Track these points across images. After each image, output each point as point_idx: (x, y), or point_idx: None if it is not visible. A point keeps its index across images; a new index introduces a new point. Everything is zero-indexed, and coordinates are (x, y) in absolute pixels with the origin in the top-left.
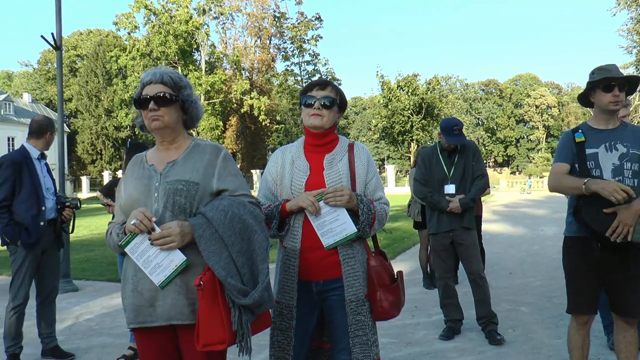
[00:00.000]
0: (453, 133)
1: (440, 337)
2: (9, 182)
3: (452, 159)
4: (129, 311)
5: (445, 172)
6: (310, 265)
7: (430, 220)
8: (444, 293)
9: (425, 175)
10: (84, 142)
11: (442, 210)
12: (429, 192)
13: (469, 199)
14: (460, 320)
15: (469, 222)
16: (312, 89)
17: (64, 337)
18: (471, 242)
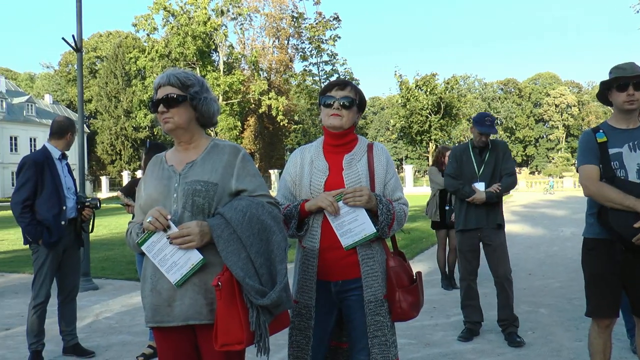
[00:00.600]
0: (484, 124)
1: (459, 339)
2: (31, 182)
3: (483, 157)
4: (147, 310)
5: (475, 169)
6: (329, 265)
7: (458, 217)
8: (466, 294)
9: (456, 170)
10: (103, 143)
11: (467, 199)
12: (460, 184)
13: (494, 193)
14: (480, 323)
15: (499, 220)
16: (332, 89)
17: (84, 335)
18: (500, 243)
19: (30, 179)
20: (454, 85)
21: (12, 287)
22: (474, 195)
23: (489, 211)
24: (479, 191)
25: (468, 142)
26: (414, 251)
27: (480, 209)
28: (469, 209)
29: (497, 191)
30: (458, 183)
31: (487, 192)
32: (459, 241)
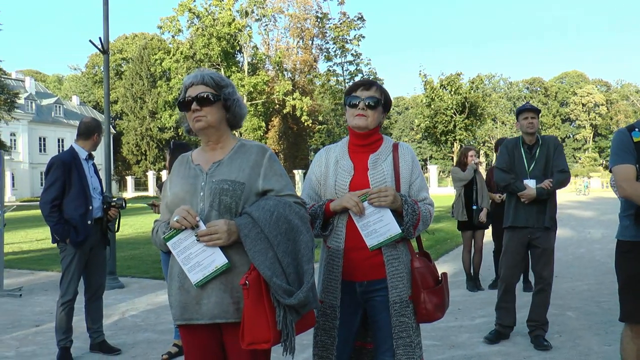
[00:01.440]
0: (527, 105)
1: (485, 340)
2: (59, 182)
3: (533, 153)
4: (175, 308)
5: (525, 166)
6: (354, 265)
7: (506, 212)
8: (504, 296)
9: (508, 163)
10: (129, 143)
11: (517, 194)
12: (512, 179)
13: (545, 190)
14: (512, 327)
15: (549, 221)
16: (357, 89)
17: (110, 332)
18: (549, 247)
19: (58, 179)
20: (479, 84)
21: (41, 285)
22: (524, 190)
23: (539, 211)
24: (529, 187)
25: (518, 138)
26: (438, 252)
27: (530, 206)
28: (518, 205)
29: (548, 188)
30: (509, 177)
31: (537, 189)
32: (507, 239)
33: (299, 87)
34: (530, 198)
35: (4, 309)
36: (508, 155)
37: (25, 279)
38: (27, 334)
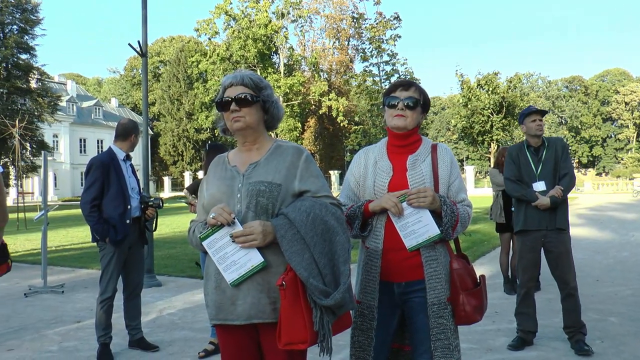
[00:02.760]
0: (533, 107)
1: (509, 347)
2: (99, 182)
3: (539, 155)
4: (211, 307)
5: (533, 169)
6: (392, 266)
7: (517, 217)
8: (522, 302)
9: (515, 172)
10: (166, 144)
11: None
12: (523, 189)
13: (559, 198)
14: (534, 333)
15: (562, 222)
16: (396, 89)
17: (148, 330)
18: (564, 249)
19: (98, 180)
20: (516, 83)
21: (81, 282)
22: (538, 200)
23: (551, 212)
24: (542, 197)
25: (522, 142)
26: (475, 254)
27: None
28: (528, 208)
29: (561, 196)
30: (520, 187)
31: (551, 198)
32: (519, 243)
33: (335, 87)
34: (545, 207)
35: (47, 304)
36: (514, 163)
37: (67, 276)
38: (69, 329)
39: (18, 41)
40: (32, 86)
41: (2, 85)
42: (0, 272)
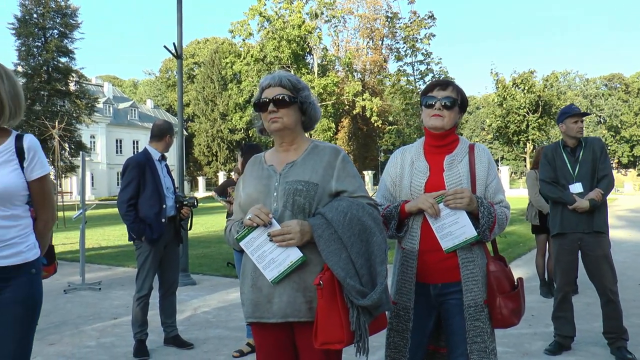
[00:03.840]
0: (574, 109)
1: (546, 352)
2: (135, 182)
3: (576, 155)
4: (247, 306)
5: (570, 170)
6: (428, 267)
7: (553, 220)
8: (559, 305)
9: (551, 173)
10: (200, 145)
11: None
12: (560, 191)
13: (598, 201)
14: (572, 337)
15: (600, 225)
16: (433, 89)
17: (183, 328)
18: (602, 253)
19: (134, 180)
20: (553, 82)
21: (118, 280)
22: (576, 203)
23: (589, 215)
24: (580, 200)
25: (558, 142)
26: (511, 256)
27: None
28: (565, 210)
29: (600, 199)
30: (557, 189)
31: (590, 201)
32: (555, 247)
33: (368, 87)
34: (583, 210)
35: (85, 301)
36: (549, 164)
37: (104, 274)
38: (106, 325)
39: (58, 45)
40: (71, 88)
41: (43, 87)
42: (48, 272)
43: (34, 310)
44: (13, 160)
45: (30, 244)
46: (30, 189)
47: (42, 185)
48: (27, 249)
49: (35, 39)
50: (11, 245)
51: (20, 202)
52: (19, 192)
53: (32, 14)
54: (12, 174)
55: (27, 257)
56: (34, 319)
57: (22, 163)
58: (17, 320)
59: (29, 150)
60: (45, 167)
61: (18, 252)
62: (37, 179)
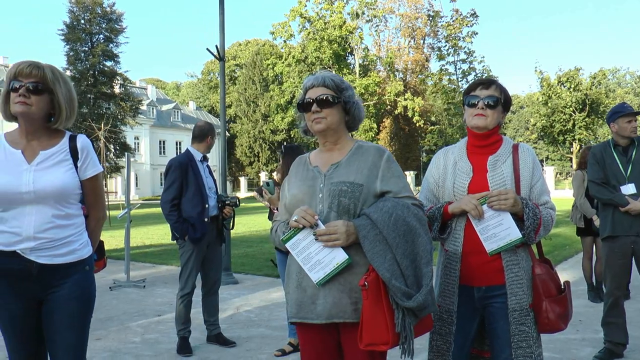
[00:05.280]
0: (628, 107)
1: (595, 359)
2: (177, 182)
3: (629, 155)
4: (291, 306)
5: (621, 170)
6: (472, 269)
7: (603, 222)
8: (610, 311)
9: (600, 174)
10: (242, 146)
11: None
12: (610, 193)
13: None
14: (624, 345)
15: None
16: (476, 88)
17: (225, 326)
18: None
19: (177, 180)
20: (601, 79)
21: (162, 278)
22: (629, 205)
23: None
24: (634, 202)
25: (607, 141)
26: (556, 259)
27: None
28: (616, 212)
29: None
30: (608, 191)
31: None
32: (606, 251)
33: (410, 87)
34: (637, 213)
35: (130, 298)
36: (598, 164)
37: (148, 272)
38: (150, 322)
39: (104, 49)
40: (115, 91)
41: (90, 91)
42: (98, 267)
43: (89, 305)
44: (67, 160)
45: (84, 241)
46: (83, 188)
47: (94, 184)
48: (81, 246)
49: (82, 44)
50: (67, 244)
51: (75, 200)
52: (74, 191)
53: (79, 20)
54: (67, 173)
55: (81, 254)
56: (89, 313)
57: (76, 162)
58: (75, 315)
59: (82, 150)
60: (97, 167)
61: (73, 250)
62: (90, 178)
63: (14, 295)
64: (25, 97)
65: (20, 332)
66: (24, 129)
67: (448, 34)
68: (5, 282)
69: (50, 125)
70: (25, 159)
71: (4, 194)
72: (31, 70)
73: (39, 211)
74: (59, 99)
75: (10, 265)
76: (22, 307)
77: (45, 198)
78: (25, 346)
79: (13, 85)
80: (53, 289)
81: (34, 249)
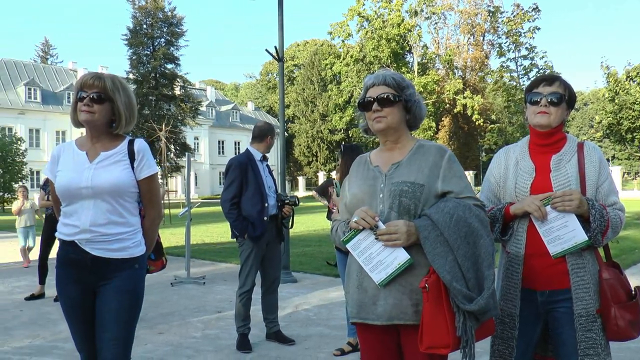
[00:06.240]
0: None
1: None
2: (237, 181)
3: None
4: (352, 306)
5: None
6: (534, 273)
7: None
8: None
9: None
10: (300, 145)
11: None
12: None
13: None
14: None
15: None
16: (539, 85)
17: (284, 324)
18: None
19: (236, 179)
20: None
21: (221, 275)
22: None
23: None
24: None
25: None
26: (625, 263)
27: None
28: None
29: None
30: None
31: None
32: None
33: (469, 85)
34: None
35: (191, 294)
36: None
37: (208, 269)
38: (210, 318)
39: (165, 53)
40: (176, 93)
41: (151, 93)
42: (156, 267)
43: (136, 302)
44: (124, 161)
45: (137, 241)
46: (140, 188)
47: (149, 184)
48: (133, 245)
49: (144, 47)
50: (119, 240)
51: (130, 199)
52: (129, 189)
53: (142, 25)
54: (123, 171)
55: (132, 252)
56: (135, 309)
57: (133, 163)
58: (122, 308)
59: (138, 152)
60: (152, 168)
61: (125, 247)
62: (146, 178)
63: (74, 283)
64: (89, 107)
65: (78, 319)
66: (89, 134)
67: (509, 30)
68: (67, 270)
69: (112, 131)
70: (88, 159)
71: (67, 189)
72: (94, 81)
73: (96, 206)
74: (119, 107)
75: (71, 255)
76: (79, 295)
77: (101, 193)
78: (86, 333)
79: (80, 95)
80: (104, 282)
81: (89, 241)
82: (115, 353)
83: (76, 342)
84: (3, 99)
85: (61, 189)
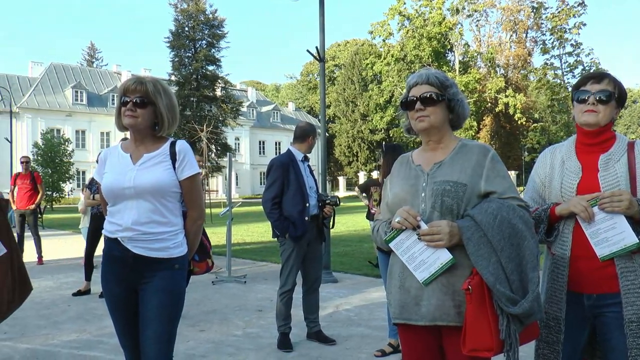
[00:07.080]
0: None
1: None
2: (279, 181)
3: None
4: (394, 306)
5: None
6: (581, 275)
7: None
8: None
9: None
10: (341, 145)
11: None
12: None
13: None
14: None
15: None
16: (586, 82)
17: (325, 324)
18: None
19: (278, 179)
20: None
21: (262, 274)
22: None
23: None
24: None
25: None
26: None
27: None
28: None
29: None
30: None
31: None
32: None
33: (512, 83)
34: None
35: (232, 293)
36: None
37: (248, 268)
38: (251, 317)
39: (206, 54)
40: (217, 94)
41: (193, 94)
42: (200, 269)
43: (176, 301)
44: (166, 162)
45: (178, 242)
46: (182, 188)
47: (191, 185)
48: (174, 245)
49: (186, 50)
50: (160, 240)
51: (172, 199)
52: (170, 188)
53: (184, 27)
54: (164, 172)
55: (172, 253)
56: (177, 308)
57: (175, 164)
58: (161, 306)
59: (179, 153)
60: (194, 168)
61: (165, 247)
62: (187, 178)
63: (117, 280)
64: (132, 111)
65: (122, 316)
66: (133, 137)
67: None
68: (111, 267)
69: (155, 133)
70: (131, 161)
71: (111, 190)
72: (136, 86)
73: (139, 206)
74: (161, 110)
75: (114, 252)
76: (123, 292)
77: (143, 193)
78: (129, 330)
79: (123, 100)
80: (146, 280)
81: (131, 239)
82: (158, 350)
83: (120, 338)
84: (52, 102)
85: (106, 190)
